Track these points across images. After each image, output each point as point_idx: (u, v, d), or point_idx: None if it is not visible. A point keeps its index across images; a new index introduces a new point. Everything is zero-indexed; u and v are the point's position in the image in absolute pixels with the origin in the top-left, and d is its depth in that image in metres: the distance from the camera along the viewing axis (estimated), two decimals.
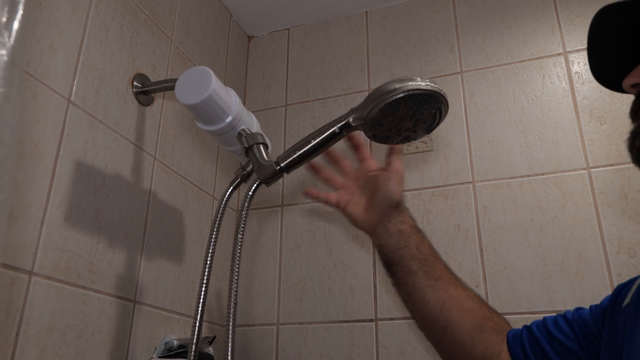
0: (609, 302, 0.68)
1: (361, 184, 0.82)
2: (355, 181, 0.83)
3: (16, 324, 0.72)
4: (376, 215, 0.78)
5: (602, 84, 0.69)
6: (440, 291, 0.74)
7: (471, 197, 1.24)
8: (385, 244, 0.77)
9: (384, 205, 0.77)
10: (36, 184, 0.79)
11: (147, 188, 1.05)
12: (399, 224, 0.77)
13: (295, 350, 1.24)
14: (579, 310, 0.72)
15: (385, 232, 0.77)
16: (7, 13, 0.49)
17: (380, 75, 1.44)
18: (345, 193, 0.82)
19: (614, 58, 0.66)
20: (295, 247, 1.34)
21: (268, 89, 1.55)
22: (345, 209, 0.81)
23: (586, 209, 1.15)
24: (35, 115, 0.80)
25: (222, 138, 0.89)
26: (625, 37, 0.64)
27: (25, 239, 0.76)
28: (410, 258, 0.75)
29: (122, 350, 0.92)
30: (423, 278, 0.75)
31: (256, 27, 1.60)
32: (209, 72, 0.84)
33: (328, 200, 0.81)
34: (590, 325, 0.68)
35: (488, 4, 1.41)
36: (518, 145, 1.25)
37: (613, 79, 0.67)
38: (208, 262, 0.83)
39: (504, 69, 1.33)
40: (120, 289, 0.94)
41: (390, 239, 0.76)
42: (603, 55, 0.67)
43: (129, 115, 1.02)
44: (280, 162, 0.83)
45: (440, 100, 0.78)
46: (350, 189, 0.82)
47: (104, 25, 0.98)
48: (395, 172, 0.78)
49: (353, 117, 0.80)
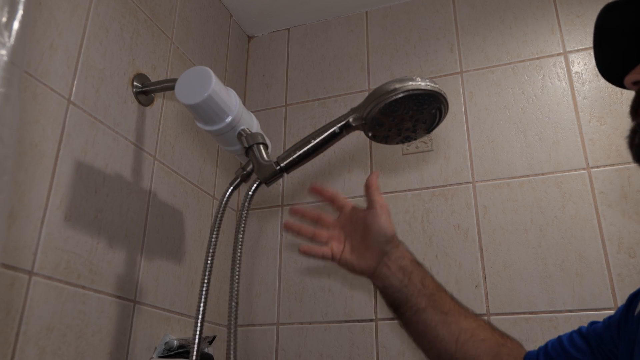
0: (622, 313, 0.67)
1: (348, 230, 0.79)
2: (342, 229, 0.80)
3: (16, 324, 0.72)
4: (374, 256, 0.75)
5: (607, 79, 0.69)
6: (452, 325, 0.72)
7: (471, 197, 1.24)
8: (388, 284, 0.74)
9: (379, 243, 0.75)
10: (36, 184, 0.79)
11: (147, 188, 1.05)
12: (399, 260, 0.75)
13: (295, 350, 1.24)
14: (594, 325, 0.71)
15: (387, 271, 0.74)
16: (7, 13, 0.49)
17: (380, 75, 1.44)
18: (336, 243, 0.79)
19: (619, 53, 0.65)
20: (295, 247, 1.34)
21: (268, 89, 1.55)
22: (341, 258, 0.78)
23: (586, 209, 1.15)
24: (35, 115, 0.80)
25: (222, 138, 0.89)
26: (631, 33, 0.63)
27: (25, 239, 0.76)
28: (417, 295, 0.73)
29: (122, 350, 0.92)
30: (433, 314, 0.72)
31: (256, 27, 1.60)
32: (209, 72, 0.84)
33: (324, 254, 0.78)
34: (605, 338, 0.67)
35: (488, 4, 1.41)
36: (518, 145, 1.25)
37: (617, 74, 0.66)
38: (208, 262, 0.83)
39: (504, 69, 1.33)
40: (120, 289, 0.93)
41: (394, 278, 0.74)
42: (608, 50, 0.66)
43: (129, 115, 1.02)
44: (280, 162, 0.83)
45: (440, 100, 0.78)
46: (339, 237, 0.79)
47: (104, 25, 0.98)
48: (380, 208, 0.75)
49: (353, 117, 0.80)
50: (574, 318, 1.07)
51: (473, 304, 1.15)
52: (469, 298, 1.15)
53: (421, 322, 0.73)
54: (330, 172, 1.39)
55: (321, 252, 0.78)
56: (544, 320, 1.09)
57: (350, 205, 0.81)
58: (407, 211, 1.28)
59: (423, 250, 1.22)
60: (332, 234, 0.80)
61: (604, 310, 1.06)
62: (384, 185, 1.32)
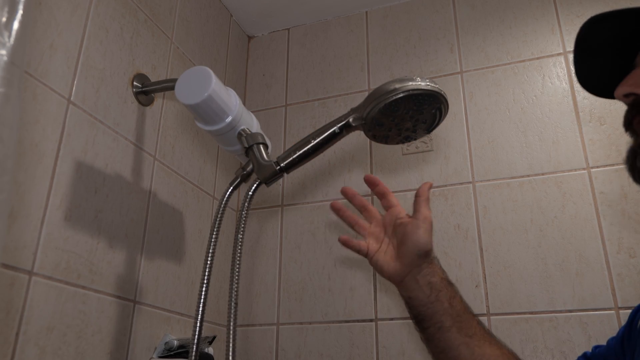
0: (626, 329, 0.67)
1: (389, 232, 0.78)
2: (383, 229, 0.79)
3: (16, 324, 0.72)
4: (405, 265, 0.74)
5: (588, 89, 0.70)
6: (476, 349, 0.71)
7: (471, 197, 1.24)
8: (414, 297, 0.73)
9: (413, 255, 0.73)
10: (36, 184, 0.79)
11: (147, 188, 1.05)
12: (429, 276, 0.73)
13: (295, 350, 1.24)
14: (598, 348, 0.71)
15: (414, 284, 0.73)
16: (7, 13, 0.49)
17: (380, 75, 1.44)
18: (373, 241, 0.78)
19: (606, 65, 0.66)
20: (295, 247, 1.34)
21: (268, 89, 1.55)
22: (373, 257, 0.77)
23: (586, 209, 1.15)
24: (35, 115, 0.80)
25: (222, 138, 0.89)
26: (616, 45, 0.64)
27: (25, 239, 0.76)
28: (442, 313, 0.71)
29: (122, 350, 0.92)
30: (457, 335, 0.71)
31: (256, 27, 1.60)
32: (209, 72, 0.84)
33: (360, 248, 0.77)
34: (610, 358, 0.67)
35: (488, 4, 1.41)
36: (518, 145, 1.25)
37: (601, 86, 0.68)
38: (208, 262, 0.83)
39: (504, 69, 1.33)
40: (120, 289, 0.93)
41: (421, 292, 0.72)
42: (593, 62, 0.67)
43: (129, 115, 1.02)
44: (280, 162, 0.83)
45: (440, 100, 0.78)
46: (378, 236, 0.79)
47: (104, 25, 0.98)
48: (423, 220, 0.74)
49: (353, 117, 0.80)
50: (574, 318, 1.07)
51: (473, 304, 1.14)
52: (469, 298, 1.15)
53: (444, 340, 0.71)
54: (330, 172, 1.39)
55: (358, 246, 0.77)
56: (544, 320, 1.09)
57: (399, 208, 0.80)
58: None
59: None
60: (372, 230, 0.79)
61: (604, 310, 1.06)
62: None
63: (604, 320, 1.05)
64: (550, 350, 1.07)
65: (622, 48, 0.64)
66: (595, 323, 1.06)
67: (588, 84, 0.69)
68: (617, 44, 0.64)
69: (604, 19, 0.61)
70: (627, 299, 1.05)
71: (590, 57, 0.66)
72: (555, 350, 1.06)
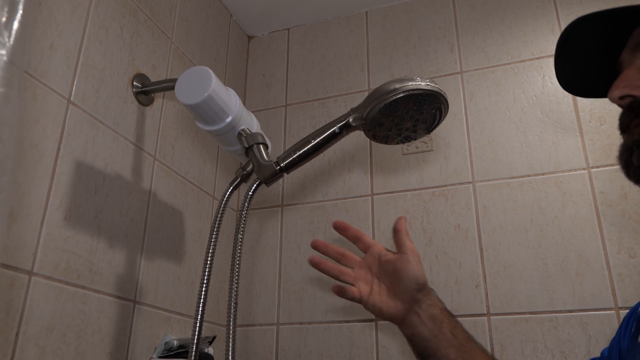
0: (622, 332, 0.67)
1: (376, 272, 0.77)
2: (368, 270, 0.77)
3: (16, 324, 0.72)
4: (404, 302, 0.72)
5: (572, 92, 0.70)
6: None
7: (471, 197, 1.24)
8: (417, 333, 0.72)
9: (411, 290, 0.71)
10: (36, 184, 0.79)
11: (147, 188, 1.05)
12: (430, 309, 0.72)
13: (295, 350, 1.24)
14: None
15: (417, 319, 0.72)
16: (7, 13, 0.49)
17: (380, 75, 1.44)
18: (362, 284, 0.76)
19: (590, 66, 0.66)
20: (295, 247, 1.34)
21: (268, 89, 1.55)
22: (369, 301, 0.75)
23: (586, 209, 1.15)
24: (35, 115, 0.80)
25: (222, 138, 0.89)
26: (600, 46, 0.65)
27: (25, 239, 0.76)
28: (447, 346, 0.70)
29: (122, 350, 0.92)
30: None
31: (256, 27, 1.60)
32: (208, 72, 0.84)
33: (352, 295, 0.75)
34: None
35: (488, 4, 1.41)
36: (518, 145, 1.25)
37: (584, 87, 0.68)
38: (208, 262, 0.83)
39: (504, 69, 1.33)
40: (120, 289, 0.93)
41: (424, 327, 0.71)
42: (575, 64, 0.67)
43: (129, 115, 1.02)
44: (280, 162, 0.83)
45: (440, 100, 0.78)
46: (366, 279, 0.77)
47: (104, 25, 0.98)
48: (412, 253, 0.73)
49: (353, 117, 0.80)
50: (574, 318, 1.07)
51: (473, 304, 1.15)
52: (469, 298, 1.15)
53: None
54: (330, 172, 1.39)
55: (350, 293, 0.75)
56: (544, 320, 1.09)
57: (378, 246, 0.78)
58: (407, 211, 1.28)
59: (423, 250, 1.22)
60: (358, 275, 0.77)
61: (604, 310, 1.06)
62: (383, 185, 1.32)
63: (604, 320, 1.05)
64: (550, 350, 1.07)
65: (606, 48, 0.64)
66: (595, 323, 1.06)
67: (571, 85, 0.69)
68: (601, 44, 0.64)
69: (588, 20, 0.61)
70: (627, 299, 1.05)
71: (573, 58, 0.66)
72: (555, 350, 1.06)
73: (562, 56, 0.67)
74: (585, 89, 0.68)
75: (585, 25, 0.62)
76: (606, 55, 0.64)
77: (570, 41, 0.65)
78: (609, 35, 0.63)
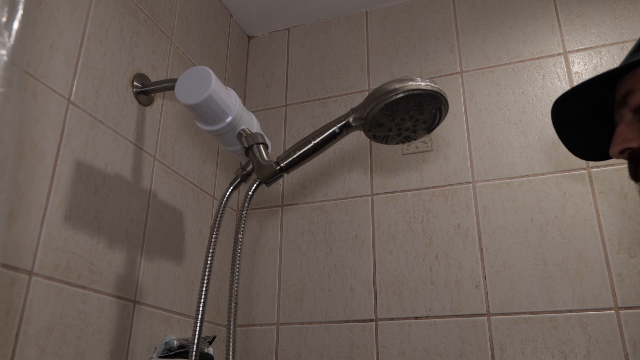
0: None
1: None
2: None
3: (16, 324, 0.72)
4: None
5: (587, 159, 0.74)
6: None
7: (471, 197, 1.24)
8: None
9: None
10: (36, 184, 0.79)
11: (147, 188, 1.05)
12: None
13: (295, 350, 1.24)
14: None
15: None
16: (7, 13, 0.49)
17: (380, 75, 1.44)
18: None
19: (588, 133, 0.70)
20: (295, 247, 1.34)
21: (268, 89, 1.55)
22: None
23: (586, 209, 1.15)
24: (35, 115, 0.80)
25: (222, 138, 0.89)
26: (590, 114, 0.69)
27: (25, 239, 0.76)
28: None
29: (122, 350, 0.92)
30: None
31: (256, 27, 1.60)
32: (209, 72, 0.84)
33: None
34: None
35: (488, 4, 1.41)
36: (518, 145, 1.25)
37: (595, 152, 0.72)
38: (208, 262, 0.83)
39: (504, 69, 1.33)
40: (120, 289, 0.94)
41: None
42: (578, 136, 0.71)
43: (129, 115, 1.02)
44: (280, 162, 0.83)
45: (440, 100, 0.78)
46: None
47: (104, 25, 0.98)
48: None
49: (353, 117, 0.80)
50: (574, 318, 1.07)
51: (473, 304, 1.15)
52: (469, 298, 1.16)
53: None
54: (330, 172, 1.39)
55: None
56: (544, 320, 1.09)
57: None
58: (407, 211, 1.28)
59: (423, 250, 1.23)
60: None
61: (604, 310, 1.06)
62: (384, 185, 1.32)
63: (604, 320, 1.05)
64: (550, 350, 1.07)
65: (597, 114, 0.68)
66: (595, 323, 1.06)
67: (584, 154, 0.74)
68: (591, 112, 0.69)
69: (567, 98, 0.66)
70: (627, 299, 1.05)
71: (570, 132, 0.71)
72: (555, 350, 1.06)
73: (560, 131, 0.71)
74: (597, 153, 0.72)
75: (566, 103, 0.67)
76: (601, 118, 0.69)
77: (561, 119, 0.69)
78: (595, 100, 0.67)
